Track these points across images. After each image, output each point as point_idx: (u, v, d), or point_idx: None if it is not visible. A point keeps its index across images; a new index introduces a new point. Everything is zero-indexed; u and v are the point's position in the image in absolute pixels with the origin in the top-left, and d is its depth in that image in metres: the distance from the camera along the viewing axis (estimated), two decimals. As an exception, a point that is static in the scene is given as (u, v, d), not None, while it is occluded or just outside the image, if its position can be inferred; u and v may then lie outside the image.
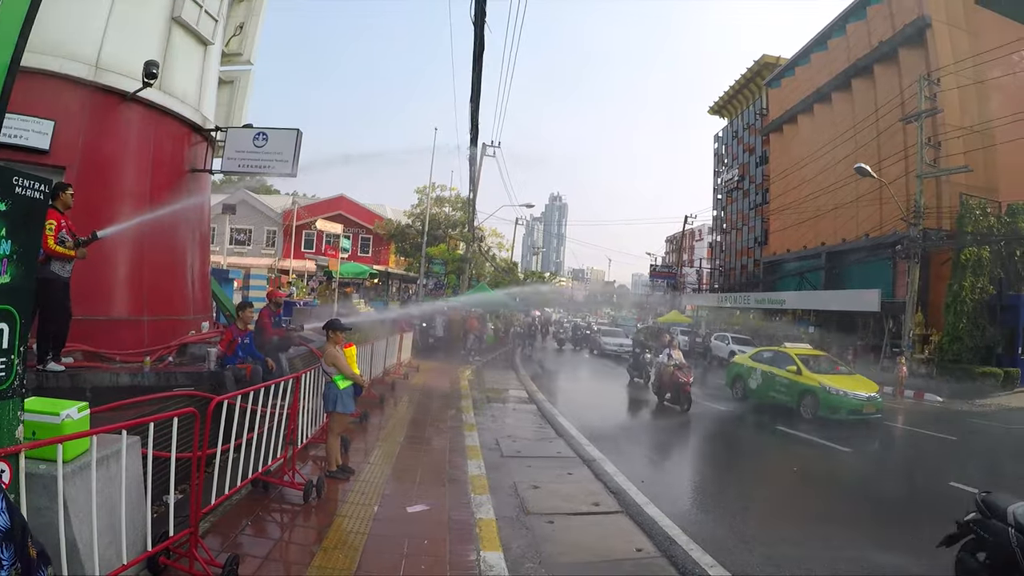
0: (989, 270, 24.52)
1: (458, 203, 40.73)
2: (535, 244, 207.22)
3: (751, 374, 17.05)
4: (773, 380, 16.04)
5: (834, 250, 36.10)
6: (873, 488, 9.32)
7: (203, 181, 11.03)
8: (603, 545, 6.05)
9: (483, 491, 7.14)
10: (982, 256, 24.33)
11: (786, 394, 15.48)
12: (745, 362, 17.92)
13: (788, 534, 6.57)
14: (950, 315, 24.33)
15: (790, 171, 40.08)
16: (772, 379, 16.09)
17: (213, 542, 4.98)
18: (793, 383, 15.26)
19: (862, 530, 6.98)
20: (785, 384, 15.56)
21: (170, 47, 9.57)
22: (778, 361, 16.45)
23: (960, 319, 23.99)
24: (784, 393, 15.56)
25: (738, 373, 17.86)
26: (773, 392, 15.96)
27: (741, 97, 57.99)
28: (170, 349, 8.73)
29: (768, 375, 16.31)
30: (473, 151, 27.81)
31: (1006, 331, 24.37)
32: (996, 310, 24.29)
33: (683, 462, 11.11)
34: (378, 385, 13.61)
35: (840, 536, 6.64)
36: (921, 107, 22.87)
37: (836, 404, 14.12)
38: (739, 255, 56.62)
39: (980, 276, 24.32)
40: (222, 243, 39.67)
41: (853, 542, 6.48)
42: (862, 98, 34.21)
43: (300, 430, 7.22)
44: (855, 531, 6.92)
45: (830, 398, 14.17)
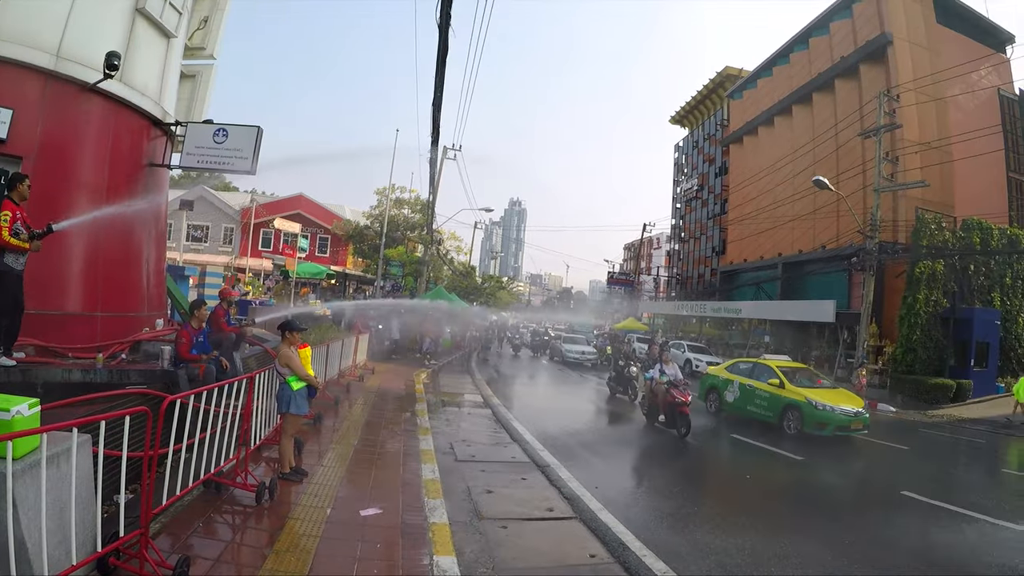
0: (943, 284, 25.27)
1: (417, 205, 40.63)
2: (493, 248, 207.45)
3: (727, 387, 16.29)
4: (752, 393, 15.43)
5: (791, 261, 36.89)
6: (827, 497, 9.57)
7: (161, 176, 10.87)
8: (557, 551, 6.11)
9: (437, 495, 7.15)
10: (936, 270, 25.04)
11: (767, 408, 14.85)
12: (720, 373, 17.16)
13: (741, 542, 6.68)
14: (904, 327, 24.97)
15: (749, 182, 40.88)
16: (751, 392, 15.46)
17: (164, 543, 4.93)
18: (775, 397, 14.64)
19: (815, 538, 7.16)
20: (766, 398, 14.94)
21: (133, 39, 9.43)
22: (758, 373, 15.80)
23: (914, 331, 24.61)
24: (765, 408, 14.93)
25: (712, 385, 17.15)
26: (752, 406, 15.33)
27: (703, 108, 58.98)
28: (123, 346, 8.59)
29: (747, 388, 15.64)
30: (434, 153, 27.80)
31: (959, 344, 24.98)
32: (949, 323, 24.92)
33: (641, 470, 11.14)
34: (333, 387, 13.53)
35: (793, 543, 6.79)
36: (880, 122, 23.48)
37: (823, 420, 13.50)
38: (696, 264, 57.49)
39: (934, 289, 25.03)
40: (179, 239, 39.08)
41: (806, 550, 6.65)
42: (822, 112, 35.08)
43: (253, 431, 7.14)
44: (808, 539, 7.10)
45: (816, 413, 13.53)
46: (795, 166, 34.93)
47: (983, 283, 26.45)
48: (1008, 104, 33.73)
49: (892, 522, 8.04)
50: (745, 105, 46.05)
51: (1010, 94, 34.11)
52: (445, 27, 11.96)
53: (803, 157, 34.57)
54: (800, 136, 36.50)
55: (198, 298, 10.37)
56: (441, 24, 11.85)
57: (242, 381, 6.77)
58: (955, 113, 30.06)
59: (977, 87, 31.84)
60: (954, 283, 25.51)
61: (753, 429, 14.40)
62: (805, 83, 37.06)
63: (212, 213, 47.10)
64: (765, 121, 41.66)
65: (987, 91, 32.65)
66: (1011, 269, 27.24)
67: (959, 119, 29.46)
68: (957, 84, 29.51)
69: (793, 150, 35.91)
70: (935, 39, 31.65)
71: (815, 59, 36.90)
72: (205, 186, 45.22)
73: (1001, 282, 26.79)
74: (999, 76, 33.72)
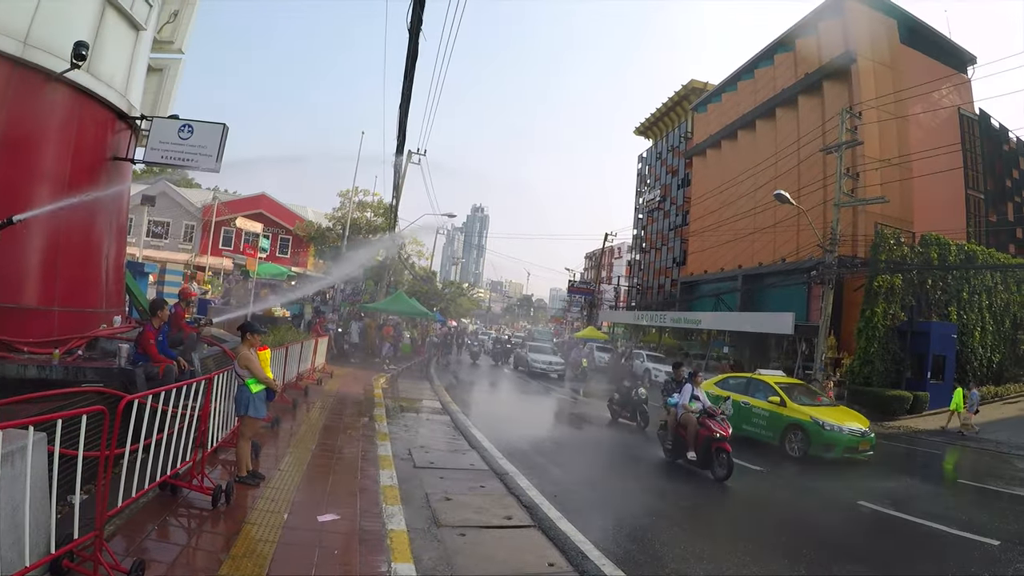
0: (901, 297, 25.72)
1: (380, 209, 40.46)
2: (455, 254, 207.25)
3: (719, 404, 14.84)
4: (749, 412, 14.51)
5: (751, 273, 37.41)
6: (785, 507, 9.75)
7: (124, 170, 10.66)
8: (515, 559, 6.12)
9: (395, 502, 7.13)
10: (895, 284, 25.52)
11: (767, 428, 14.02)
12: (709, 389, 15.27)
13: (700, 551, 6.78)
14: (862, 340, 25.36)
15: (711, 194, 41.36)
16: (748, 411, 14.51)
17: (119, 546, 4.86)
18: (776, 416, 13.82)
19: (773, 548, 7.32)
20: (765, 417, 14.10)
21: (102, 29, 9.25)
22: (753, 390, 14.88)
23: (872, 344, 25.00)
24: (764, 427, 14.10)
25: None
26: (749, 426, 14.36)
27: (667, 120, 59.75)
28: (81, 342, 8.41)
29: (742, 406, 14.41)
30: (399, 158, 27.73)
31: (916, 357, 25.40)
32: (907, 336, 25.35)
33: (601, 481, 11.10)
34: (291, 390, 13.43)
35: (751, 553, 6.89)
36: (842, 138, 23.94)
37: (830, 441, 12.75)
38: (657, 274, 58.07)
39: (892, 303, 25.46)
40: (139, 235, 38.37)
41: (763, 559, 6.77)
42: (785, 127, 35.72)
43: (211, 433, 7.07)
44: (766, 549, 7.24)
45: (824, 434, 12.76)
46: (757, 180, 35.47)
47: (940, 297, 27.04)
48: (968, 123, 34.86)
49: (849, 533, 8.22)
50: (709, 118, 46.75)
51: (970, 113, 35.25)
52: (415, 33, 11.99)
53: (765, 171, 35.14)
54: (762, 150, 37.09)
55: (159, 298, 10.20)
56: (411, 29, 11.88)
57: (200, 382, 6.70)
58: (916, 131, 30.94)
59: (938, 106, 32.76)
60: (912, 297, 26.07)
61: (751, 451, 13.32)
62: (769, 98, 37.75)
63: (174, 209, 46.39)
64: (728, 135, 42.36)
65: (948, 110, 33.68)
66: (968, 284, 27.94)
67: (920, 137, 30.29)
68: (919, 103, 30.34)
69: (755, 164, 36.48)
70: (898, 59, 32.55)
71: (779, 75, 37.61)
72: (167, 181, 44.52)
73: (958, 296, 27.43)
74: (960, 96, 34.82)
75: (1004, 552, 7.57)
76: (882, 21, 32.88)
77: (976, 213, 34.76)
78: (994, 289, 29.12)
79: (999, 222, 35.88)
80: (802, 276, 29.27)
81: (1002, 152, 37.79)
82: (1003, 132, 38.16)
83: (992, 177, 36.35)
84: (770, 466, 12.32)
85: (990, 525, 8.87)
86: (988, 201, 35.72)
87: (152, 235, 44.59)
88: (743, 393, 14.92)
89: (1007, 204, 37.26)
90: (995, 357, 28.63)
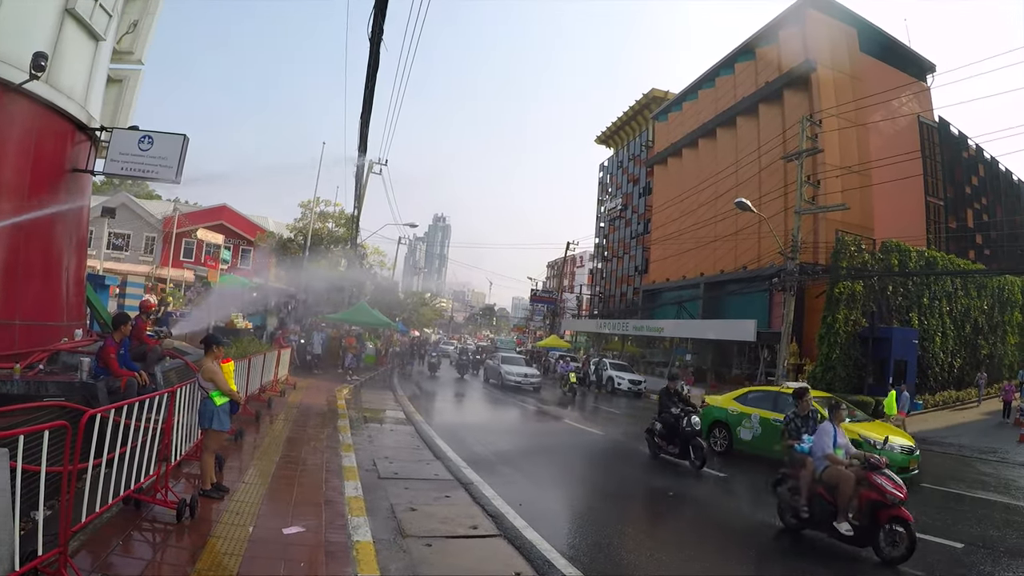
0: (862, 304, 26.31)
1: (341, 219, 40.29)
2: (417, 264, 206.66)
3: (742, 421, 13.94)
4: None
5: (712, 281, 37.92)
6: (748, 513, 9.88)
7: (84, 182, 10.57)
8: (481, 569, 6.16)
9: (360, 513, 7.14)
10: (856, 290, 26.08)
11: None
12: (728, 405, 14.68)
13: (667, 558, 6.91)
14: (824, 346, 25.84)
15: (672, 203, 41.86)
16: (779, 430, 12.08)
17: (83, 561, 4.82)
18: None
19: (737, 554, 7.48)
20: None
21: (61, 40, 9.19)
22: (785, 406, 12.58)
23: (833, 350, 25.49)
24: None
25: (719, 419, 14.71)
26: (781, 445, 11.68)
27: (628, 128, 60.38)
28: (42, 356, 8.30)
29: (772, 424, 12.93)
30: (360, 167, 27.72)
31: (877, 362, 25.90)
32: (868, 342, 25.82)
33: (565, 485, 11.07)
34: (254, 402, 13.33)
35: (715, 560, 7.05)
36: (802, 146, 24.40)
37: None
38: (619, 282, 58.56)
39: (853, 309, 26.04)
40: (99, 247, 37.71)
41: (728, 566, 6.94)
42: (746, 135, 36.31)
43: (174, 446, 7.02)
44: (731, 556, 7.40)
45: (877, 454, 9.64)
46: (718, 188, 36.03)
47: (901, 303, 27.74)
48: (928, 131, 35.80)
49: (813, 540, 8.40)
50: (670, 127, 47.34)
51: (930, 121, 36.22)
52: (376, 42, 12.06)
53: (726, 179, 35.71)
54: (723, 158, 37.69)
55: (122, 312, 10.09)
56: (372, 38, 11.94)
57: (163, 395, 6.66)
58: (876, 139, 31.72)
59: (898, 114, 33.62)
60: (873, 303, 26.64)
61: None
62: (730, 106, 38.37)
63: (134, 221, 45.66)
64: (689, 143, 42.95)
65: (908, 118, 34.60)
66: (928, 290, 28.76)
67: (880, 145, 31.07)
68: (879, 111, 31.11)
69: (716, 172, 37.06)
70: (858, 67, 33.36)
71: (740, 83, 38.25)
72: (128, 193, 43.85)
73: (919, 302, 28.20)
74: (919, 104, 35.76)
75: (967, 555, 7.79)
76: (842, 30, 33.67)
77: (936, 220, 35.70)
78: (954, 295, 29.99)
79: (959, 228, 36.97)
80: (764, 283, 29.70)
81: (961, 159, 38.91)
82: (962, 139, 39.29)
83: (952, 184, 37.39)
84: (727, 472, 12.50)
85: (954, 528, 9.09)
86: (948, 208, 36.72)
87: (113, 247, 43.84)
88: (771, 409, 13.44)
89: (967, 211, 38.38)
90: (956, 362, 29.49)
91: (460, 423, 17.33)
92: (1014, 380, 29.65)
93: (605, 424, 17.95)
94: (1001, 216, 40.55)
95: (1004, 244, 39.85)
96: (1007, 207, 41.86)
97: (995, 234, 39.66)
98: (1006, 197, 42.48)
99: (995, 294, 32.99)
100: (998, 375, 32.45)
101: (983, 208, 40.01)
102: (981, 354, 31.50)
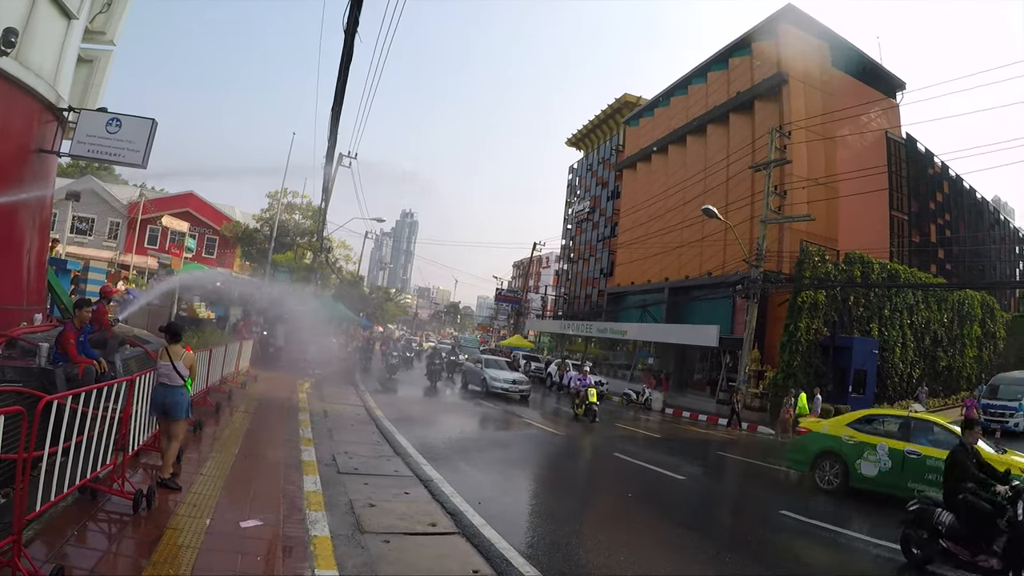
0: (824, 313, 26.86)
1: (309, 211, 40.01)
2: (383, 259, 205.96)
3: (864, 453, 11.54)
4: (923, 466, 10.76)
5: (677, 285, 38.18)
6: (710, 515, 10.07)
7: (49, 163, 10.39)
8: (439, 566, 6.15)
9: (319, 507, 7.14)
10: (818, 300, 26.61)
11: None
12: (840, 432, 12.20)
13: (624, 559, 6.94)
14: (785, 353, 26.25)
15: (640, 207, 42.32)
16: (920, 464, 10.82)
17: (38, 551, 4.77)
18: None
19: (697, 556, 7.56)
20: None
21: (33, 16, 9.02)
22: (921, 434, 11.34)
23: (794, 357, 25.92)
24: None
25: (828, 449, 12.19)
26: (922, 484, 10.39)
27: (599, 132, 60.75)
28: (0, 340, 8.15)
29: (909, 457, 11.00)
30: (329, 160, 27.55)
31: (838, 371, 26.42)
32: (829, 351, 26.35)
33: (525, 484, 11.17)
34: (214, 393, 13.21)
35: (675, 561, 7.14)
36: (771, 156, 24.65)
37: None
38: (585, 284, 58.93)
39: (815, 318, 26.57)
40: (62, 231, 36.96)
41: (689, 568, 7.03)
42: (715, 143, 36.67)
43: (132, 436, 6.96)
44: (692, 558, 7.48)
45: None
46: (686, 194, 36.42)
47: (863, 314, 28.39)
48: (895, 146, 36.63)
49: (769, 540, 8.56)
50: (641, 132, 47.65)
51: (897, 137, 37.02)
52: (351, 34, 11.99)
53: (694, 186, 36.19)
54: (692, 166, 38.10)
55: (84, 298, 9.93)
56: (347, 30, 11.87)
57: (122, 384, 6.59)
58: (843, 152, 32.35)
59: (866, 129, 34.34)
60: (835, 313, 27.22)
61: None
62: (700, 114, 38.73)
63: (99, 205, 44.73)
64: (659, 149, 43.26)
65: (876, 133, 35.36)
66: (890, 302, 29.48)
67: (847, 158, 31.72)
68: (847, 125, 31.71)
69: (685, 179, 37.50)
70: (829, 81, 33.91)
71: (712, 92, 38.59)
72: (94, 177, 42.98)
73: (880, 313, 28.89)
74: (888, 120, 36.53)
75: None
76: (815, 45, 34.15)
77: (900, 233, 36.49)
78: (915, 307, 30.78)
79: (922, 243, 37.83)
80: (728, 290, 30.12)
81: (927, 175, 39.88)
82: (928, 156, 40.27)
83: (916, 199, 38.29)
84: (686, 475, 12.59)
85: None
86: (912, 222, 37.57)
87: (76, 231, 42.99)
88: (904, 440, 11.39)
89: (930, 225, 39.33)
90: (915, 372, 30.22)
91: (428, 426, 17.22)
92: (973, 393, 30.37)
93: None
94: (963, 232, 41.58)
95: (965, 259, 40.98)
96: (969, 223, 43.01)
97: (957, 249, 40.77)
98: (968, 214, 43.63)
99: (955, 308, 33.91)
100: (956, 387, 33.43)
101: (946, 224, 41.05)
102: (940, 365, 32.35)
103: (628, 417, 24.43)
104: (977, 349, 35.64)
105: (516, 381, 25.24)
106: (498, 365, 27.57)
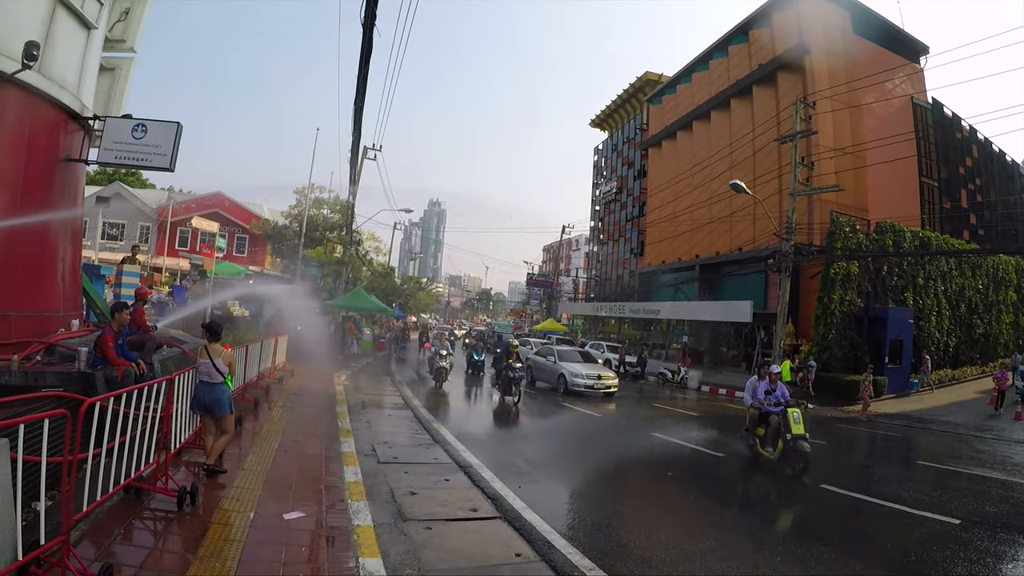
0: (857, 284, 26.41)
1: (336, 205, 40.24)
2: (413, 249, 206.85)
3: None
4: None
5: (708, 262, 37.86)
6: (751, 493, 9.96)
7: (78, 171, 10.53)
8: (482, 551, 6.15)
9: (360, 497, 7.19)
10: (851, 271, 26.15)
11: None
12: None
13: (665, 537, 6.89)
14: (820, 326, 25.93)
15: (667, 185, 41.89)
16: None
17: (86, 551, 4.86)
18: None
19: (740, 534, 7.52)
20: None
21: (52, 28, 9.11)
22: None
23: (829, 330, 25.60)
24: None
25: None
26: None
27: (622, 112, 60.25)
28: (39, 347, 8.30)
29: None
30: (354, 153, 27.67)
31: (873, 342, 25.92)
32: (864, 322, 25.88)
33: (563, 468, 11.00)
34: (253, 388, 13.39)
35: (717, 539, 7.01)
36: (796, 128, 24.29)
37: None
38: (615, 266, 58.57)
39: (849, 290, 26.15)
40: (94, 237, 37.63)
41: (729, 544, 6.94)
42: (740, 117, 36.22)
43: (173, 434, 7.06)
44: (734, 535, 7.43)
45: None
46: (712, 170, 35.98)
47: (896, 283, 27.84)
48: (921, 112, 35.73)
49: (814, 515, 8.47)
50: (664, 110, 47.23)
51: (923, 103, 36.15)
52: (369, 27, 11.98)
53: (720, 161, 35.72)
54: (718, 141, 37.66)
55: (120, 301, 10.10)
56: (365, 23, 11.87)
57: (161, 383, 6.68)
58: (869, 120, 31.68)
59: (891, 95, 33.51)
60: (868, 284, 26.75)
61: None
62: (723, 89, 38.27)
63: (128, 210, 45.55)
64: (683, 126, 42.86)
65: (901, 99, 34.47)
66: (923, 270, 28.86)
67: (873, 126, 31.03)
68: (872, 92, 31.01)
69: (710, 154, 37.00)
70: (851, 49, 33.22)
71: (734, 66, 38.12)
72: (121, 183, 43.65)
73: (914, 282, 28.30)
74: (913, 85, 35.68)
75: (964, 530, 7.81)
76: (835, 12, 33.49)
77: (930, 200, 35.69)
78: (949, 275, 30.06)
79: (953, 209, 36.92)
80: (759, 265, 29.79)
81: (955, 140, 38.81)
82: (956, 121, 39.19)
83: (945, 165, 37.34)
84: (727, 452, 12.52)
85: (951, 504, 9.13)
86: (942, 188, 36.68)
87: (107, 237, 43.76)
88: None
89: (960, 191, 38.33)
90: (951, 341, 29.64)
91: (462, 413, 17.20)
92: (1007, 362, 29.69)
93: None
94: (995, 196, 40.57)
95: (998, 224, 39.94)
96: (1000, 187, 41.86)
97: (989, 214, 39.74)
98: (999, 178, 42.46)
99: (989, 273, 33.07)
100: (993, 354, 32.64)
101: (977, 189, 39.99)
102: (976, 333, 31.63)
103: (664, 396, 24.27)
104: (1014, 315, 34.75)
105: (600, 377, 21.06)
106: (572, 357, 22.78)
